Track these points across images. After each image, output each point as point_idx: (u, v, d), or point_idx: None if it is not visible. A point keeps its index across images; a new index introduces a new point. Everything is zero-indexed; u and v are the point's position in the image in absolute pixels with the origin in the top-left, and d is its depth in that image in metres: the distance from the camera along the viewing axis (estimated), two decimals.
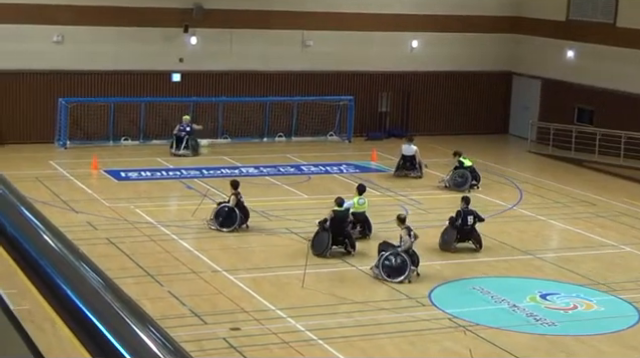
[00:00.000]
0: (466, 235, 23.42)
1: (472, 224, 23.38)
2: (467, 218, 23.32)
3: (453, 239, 23.24)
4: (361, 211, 23.95)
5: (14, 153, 31.91)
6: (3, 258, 2.11)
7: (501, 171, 32.89)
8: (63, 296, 1.77)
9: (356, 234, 23.46)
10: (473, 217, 23.44)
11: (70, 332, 1.73)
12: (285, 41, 36.69)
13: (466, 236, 23.44)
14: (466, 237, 23.45)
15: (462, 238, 23.39)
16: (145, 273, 20.33)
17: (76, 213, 25.04)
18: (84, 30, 34.12)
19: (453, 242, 23.22)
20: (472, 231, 23.49)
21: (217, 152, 33.93)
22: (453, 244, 23.23)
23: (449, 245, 23.23)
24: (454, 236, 23.25)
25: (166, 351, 1.57)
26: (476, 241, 23.50)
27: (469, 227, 23.38)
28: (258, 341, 17.02)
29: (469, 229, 23.40)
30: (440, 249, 23.24)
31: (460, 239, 23.36)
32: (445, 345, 17.32)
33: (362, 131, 37.88)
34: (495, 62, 40.09)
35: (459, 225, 23.27)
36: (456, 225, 23.27)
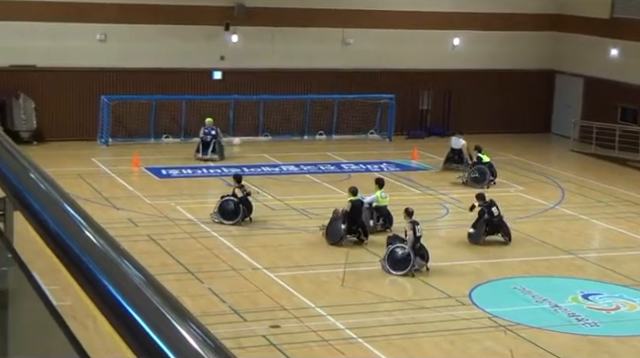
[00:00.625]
0: (495, 228, 23.50)
1: (498, 216, 23.47)
2: (492, 210, 23.45)
3: (482, 232, 23.33)
4: (383, 205, 24.15)
5: (57, 150, 32.19)
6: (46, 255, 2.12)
7: (543, 170, 32.67)
8: (105, 292, 1.78)
9: (378, 227, 23.64)
10: (497, 207, 23.54)
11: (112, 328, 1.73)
12: (326, 39, 36.69)
13: (495, 229, 23.52)
14: (495, 230, 23.52)
15: (491, 231, 23.48)
16: (185, 270, 20.42)
17: (117, 210, 25.22)
18: (127, 28, 34.35)
19: (482, 235, 23.32)
20: (501, 224, 23.57)
21: (257, 150, 34.00)
22: (482, 237, 23.33)
23: (478, 238, 23.32)
24: (483, 229, 23.33)
25: (207, 348, 1.57)
26: (505, 234, 23.57)
27: (497, 219, 23.46)
28: (298, 339, 17.03)
29: (497, 221, 23.47)
30: (469, 242, 23.33)
31: (489, 232, 23.43)
32: (486, 344, 17.24)
33: (403, 129, 37.78)
34: (537, 60, 39.81)
35: (487, 218, 23.37)
36: (484, 219, 23.37)
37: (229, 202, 24.27)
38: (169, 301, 1.70)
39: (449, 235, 24.55)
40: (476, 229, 23.44)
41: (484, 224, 23.41)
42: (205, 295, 18.99)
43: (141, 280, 1.79)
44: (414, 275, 20.82)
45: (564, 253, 23.15)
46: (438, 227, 25.20)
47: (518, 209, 27.13)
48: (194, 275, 20.15)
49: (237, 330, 17.10)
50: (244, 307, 18.36)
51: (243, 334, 16.99)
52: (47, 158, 29.18)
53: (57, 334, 2.13)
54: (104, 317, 1.75)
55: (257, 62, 36.03)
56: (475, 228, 23.47)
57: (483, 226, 23.40)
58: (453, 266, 21.87)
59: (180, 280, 19.62)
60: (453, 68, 38.59)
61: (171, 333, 1.60)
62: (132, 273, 1.82)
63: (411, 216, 21.61)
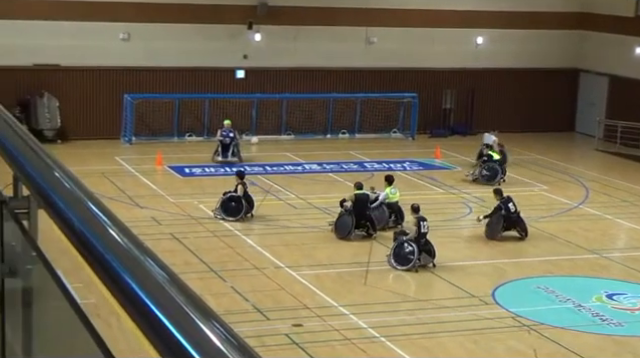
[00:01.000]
0: (512, 223, 23.68)
1: (515, 212, 23.63)
2: (508, 206, 23.64)
3: (499, 228, 23.53)
4: (394, 201, 24.30)
5: (81, 149, 32.34)
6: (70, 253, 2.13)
7: (567, 169, 32.53)
8: (128, 290, 1.78)
9: (390, 223, 23.76)
10: (514, 203, 23.73)
11: (135, 326, 1.73)
12: (349, 38, 36.67)
13: (512, 224, 23.69)
14: (512, 225, 23.69)
15: (508, 227, 23.67)
16: (208, 268, 20.47)
17: (141, 208, 25.31)
18: (150, 27, 34.47)
19: (499, 231, 23.52)
20: (518, 220, 23.73)
21: (280, 149, 34.02)
22: (499, 233, 23.52)
23: (495, 234, 23.52)
24: (500, 225, 23.53)
25: (230, 346, 1.57)
26: (522, 230, 23.75)
27: (515, 215, 23.62)
28: (320, 338, 17.04)
29: (515, 217, 23.64)
30: (486, 238, 23.48)
31: (506, 228, 23.63)
32: (509, 344, 17.18)
33: (426, 128, 37.71)
34: (561, 59, 39.63)
35: (504, 214, 23.53)
36: (501, 214, 23.54)
37: (232, 198, 24.41)
38: (192, 299, 1.71)
39: (472, 234, 24.47)
40: (493, 225, 23.61)
41: (501, 220, 23.56)
42: (228, 294, 19.03)
43: (164, 278, 1.79)
44: (417, 270, 20.89)
45: (588, 253, 23.04)
46: (461, 226, 25.14)
47: (542, 208, 27.03)
48: (217, 274, 20.19)
49: (260, 329, 17.12)
50: (267, 306, 18.39)
51: (266, 333, 17.01)
52: (71, 157, 29.32)
53: (81, 332, 2.14)
54: (128, 315, 1.75)
55: (280, 61, 36.05)
56: (490, 222, 23.66)
57: (500, 222, 23.57)
58: (476, 265, 21.82)
59: (203, 279, 19.66)
60: (476, 67, 38.47)
61: (194, 331, 1.60)
62: (156, 271, 1.83)
63: (417, 212, 21.76)
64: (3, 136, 3.09)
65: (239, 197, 24.44)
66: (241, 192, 24.53)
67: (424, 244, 21.26)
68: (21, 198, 3.00)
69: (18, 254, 2.98)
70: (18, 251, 2.98)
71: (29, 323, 2.96)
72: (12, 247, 3.01)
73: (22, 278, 2.98)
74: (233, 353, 1.53)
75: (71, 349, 2.49)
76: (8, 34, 33.05)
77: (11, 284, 3.04)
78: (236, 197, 24.46)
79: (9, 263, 3.01)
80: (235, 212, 24.36)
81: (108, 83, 34.38)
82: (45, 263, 2.60)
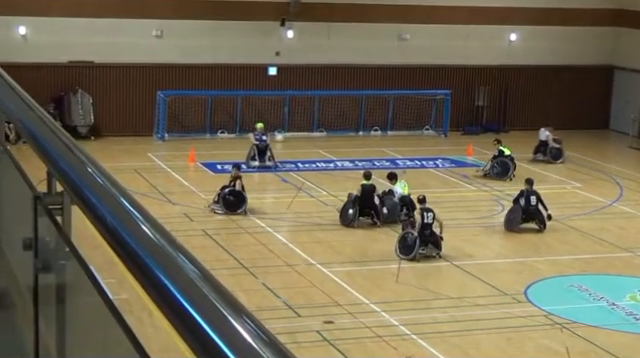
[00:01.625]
0: (531, 215, 23.89)
1: (535, 205, 23.87)
2: (530, 198, 23.88)
3: (518, 219, 23.75)
4: (406, 194, 24.55)
5: (113, 145, 32.51)
6: (103, 249, 2.13)
7: (601, 167, 32.29)
8: (161, 287, 1.79)
9: (402, 216, 23.96)
10: (536, 198, 23.93)
11: (167, 322, 1.74)
12: (382, 35, 36.59)
13: (530, 217, 23.90)
14: (530, 218, 23.90)
15: (527, 218, 23.87)
16: (240, 265, 20.52)
17: (173, 205, 25.40)
18: (183, 24, 34.57)
19: (518, 222, 23.73)
20: (537, 212, 23.91)
21: (312, 146, 34.03)
22: (517, 224, 23.74)
23: (514, 225, 23.76)
24: (519, 216, 23.75)
25: (261, 342, 1.57)
26: (540, 222, 23.92)
27: (533, 207, 23.86)
28: (351, 335, 17.03)
29: (534, 210, 23.87)
30: (505, 229, 23.79)
31: (525, 219, 23.82)
32: (542, 342, 17.09)
33: (458, 125, 37.57)
34: (595, 56, 39.33)
35: (523, 205, 23.80)
36: (520, 205, 23.83)
37: (232, 193, 24.49)
38: (224, 296, 1.71)
39: (504, 232, 24.34)
40: (512, 216, 23.90)
41: (520, 211, 23.85)
42: (259, 290, 19.06)
43: (197, 275, 1.80)
44: (419, 260, 21.13)
45: (622, 251, 22.86)
46: (494, 224, 25.01)
47: (576, 206, 26.85)
48: (248, 270, 20.23)
49: (291, 325, 17.14)
50: (298, 302, 18.40)
51: (297, 329, 17.02)
52: (104, 153, 29.47)
53: (114, 328, 2.14)
54: (160, 311, 1.75)
55: (312, 58, 36.04)
56: (511, 215, 23.97)
57: (519, 213, 23.85)
58: (508, 263, 21.72)
59: (234, 275, 19.71)
60: (509, 64, 38.27)
61: (226, 328, 1.60)
62: (188, 268, 1.83)
63: (422, 203, 21.99)
64: (37, 132, 3.11)
65: (239, 191, 24.48)
66: (239, 186, 24.60)
67: (429, 235, 21.51)
68: (55, 194, 3.02)
69: (52, 250, 2.99)
70: (52, 247, 3.00)
71: (62, 318, 2.97)
72: (46, 243, 3.03)
73: (55, 273, 2.99)
74: (264, 349, 1.53)
75: (104, 345, 2.50)
76: (43, 31, 33.30)
77: (45, 280, 3.06)
78: (236, 192, 24.48)
79: (43, 259, 3.03)
80: (235, 206, 24.42)
81: (141, 80, 34.54)
82: (78, 259, 2.61)
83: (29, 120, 3.32)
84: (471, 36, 37.61)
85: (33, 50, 33.12)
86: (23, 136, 3.27)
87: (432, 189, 28.23)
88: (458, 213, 25.50)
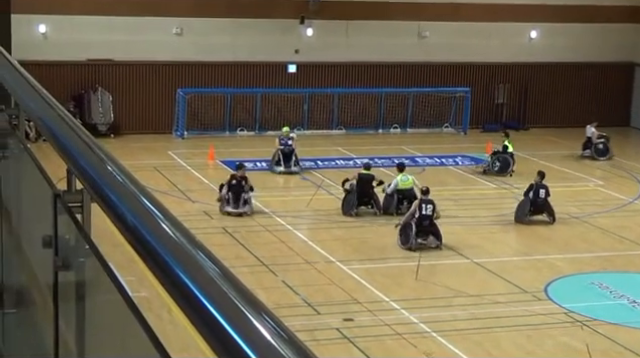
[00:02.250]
0: (539, 208, 24.23)
1: (544, 198, 24.21)
2: (539, 191, 24.22)
3: (526, 212, 24.08)
4: (407, 188, 24.68)
5: (133, 143, 32.62)
6: (123, 246, 2.14)
7: (622, 164, 32.15)
8: (180, 284, 1.79)
9: (403, 210, 24.02)
10: (545, 191, 24.27)
11: (186, 320, 1.74)
12: (401, 32, 36.56)
13: (539, 209, 24.23)
14: (539, 210, 24.23)
15: (535, 211, 24.22)
16: (260, 263, 20.54)
17: (193, 202, 25.46)
18: (202, 22, 34.66)
19: (526, 215, 24.06)
20: (545, 204, 24.23)
21: (332, 143, 34.05)
22: (526, 216, 24.06)
23: (522, 217, 23.99)
24: (527, 209, 24.11)
25: (281, 340, 1.57)
26: (549, 214, 24.23)
27: (542, 200, 24.21)
28: (371, 332, 17.03)
29: (542, 202, 24.21)
30: (515, 221, 24.08)
31: (534, 212, 24.19)
32: (561, 340, 17.04)
33: (478, 123, 37.50)
34: (617, 53, 39.15)
35: (532, 198, 24.17)
36: (529, 198, 24.10)
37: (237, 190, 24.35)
38: (244, 294, 1.71)
39: (524, 229, 24.29)
40: (521, 208, 24.27)
41: (528, 203, 24.18)
42: (279, 288, 19.08)
43: (216, 272, 1.80)
44: (414, 249, 21.50)
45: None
46: (513, 221, 24.92)
47: (597, 204, 26.75)
48: (268, 268, 20.26)
49: (311, 323, 17.15)
50: (318, 300, 18.41)
51: (317, 327, 17.03)
52: (123, 151, 29.60)
53: (134, 326, 2.15)
54: (179, 309, 1.76)
55: (332, 55, 36.05)
56: (520, 208, 24.30)
57: (528, 205, 24.17)
58: (528, 261, 21.66)
59: (254, 273, 19.74)
60: (530, 61, 38.16)
61: (246, 325, 1.60)
62: (207, 265, 1.83)
63: (424, 194, 22.28)
64: (57, 130, 3.12)
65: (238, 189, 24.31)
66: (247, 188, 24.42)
67: (428, 226, 21.84)
68: (75, 192, 3.02)
69: (71, 247, 3.00)
70: (71, 245, 3.00)
71: (82, 316, 2.98)
72: (66, 240, 3.04)
73: (75, 271, 3.00)
74: (284, 347, 1.53)
75: (123, 343, 2.51)
76: (62, 29, 33.46)
77: (64, 277, 3.06)
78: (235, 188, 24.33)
79: (63, 256, 3.04)
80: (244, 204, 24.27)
81: (161, 78, 34.64)
82: (98, 257, 2.61)
83: (49, 118, 3.33)
84: (491, 33, 37.53)
85: (53, 48, 33.28)
86: (43, 134, 3.28)
87: (451, 187, 28.20)
88: (477, 210, 25.46)
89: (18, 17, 32.00)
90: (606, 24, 38.74)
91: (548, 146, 34.56)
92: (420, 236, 21.82)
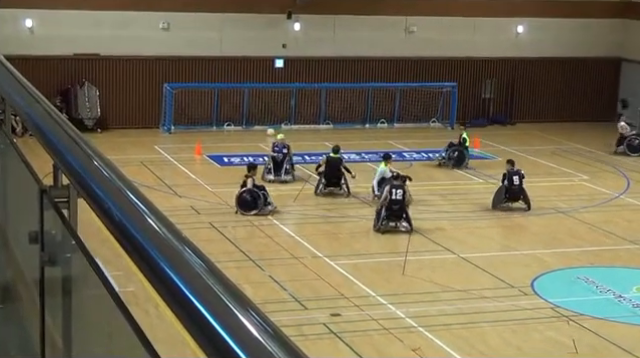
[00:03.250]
0: (515, 195, 24.88)
1: (519, 184, 24.80)
2: (513, 178, 24.90)
3: (501, 199, 24.78)
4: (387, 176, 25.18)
5: (120, 138, 32.55)
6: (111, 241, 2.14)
7: (608, 159, 32.24)
8: (166, 279, 1.79)
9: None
10: (519, 177, 24.89)
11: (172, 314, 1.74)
12: (388, 27, 36.55)
13: (515, 196, 24.89)
14: (515, 197, 24.89)
15: (511, 198, 24.89)
16: (246, 258, 20.53)
17: (180, 197, 25.43)
18: (189, 17, 34.57)
19: (501, 201, 24.74)
20: (520, 191, 24.86)
21: (319, 138, 34.02)
22: (501, 203, 24.73)
23: (497, 204, 24.78)
24: (502, 196, 24.80)
25: (266, 334, 1.57)
26: (525, 201, 24.81)
27: (517, 187, 24.84)
28: (358, 327, 17.04)
29: (517, 189, 24.83)
30: (492, 208, 24.72)
31: (509, 199, 24.87)
32: (548, 335, 17.09)
33: (465, 118, 37.52)
34: (603, 48, 39.23)
35: (506, 185, 24.85)
36: (504, 185, 24.87)
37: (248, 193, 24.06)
38: (230, 288, 1.71)
39: (511, 224, 24.36)
40: (496, 195, 24.91)
41: (503, 190, 24.84)
42: (266, 283, 19.08)
43: (202, 268, 1.80)
44: (382, 232, 22.36)
45: (629, 243, 22.83)
46: (499, 216, 24.99)
47: (583, 198, 26.83)
48: (255, 263, 20.25)
49: (298, 318, 17.15)
50: (305, 295, 18.41)
51: (304, 322, 17.04)
52: (110, 145, 29.52)
53: (119, 320, 2.15)
54: (165, 304, 1.76)
55: (319, 50, 36.03)
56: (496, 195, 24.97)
57: (503, 192, 24.82)
58: (515, 255, 21.71)
59: (241, 268, 19.73)
60: (516, 56, 38.21)
61: (231, 320, 1.61)
62: (193, 261, 1.83)
63: (395, 179, 23.28)
64: (44, 126, 3.12)
65: (252, 190, 24.12)
66: (250, 185, 24.07)
67: (398, 210, 22.56)
68: (61, 187, 3.02)
69: (58, 243, 3.00)
70: (58, 240, 3.00)
71: (68, 311, 2.98)
72: (52, 236, 3.04)
73: (61, 267, 3.00)
74: (269, 342, 1.54)
75: (109, 337, 2.51)
76: (49, 24, 33.34)
77: (51, 272, 3.06)
78: (250, 190, 24.15)
79: (49, 252, 3.04)
80: (252, 206, 23.98)
81: (148, 72, 34.56)
82: (84, 252, 2.62)
83: (35, 113, 3.33)
84: (478, 28, 37.56)
85: (39, 43, 33.16)
86: (29, 129, 3.28)
87: (438, 181, 28.25)
88: (464, 205, 25.51)
89: (4, 12, 31.89)
90: (593, 19, 38.82)
91: (534, 141, 34.64)
92: (391, 220, 22.64)
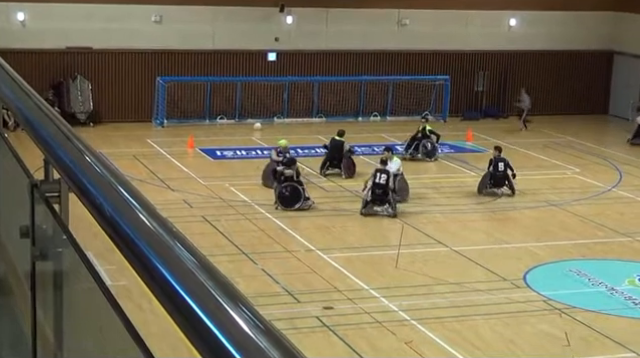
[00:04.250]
0: (499, 181, 25.68)
1: (504, 171, 25.59)
2: (498, 165, 25.69)
3: (486, 184, 25.60)
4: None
5: (112, 132, 32.51)
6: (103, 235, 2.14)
7: (600, 152, 32.30)
8: (157, 274, 1.79)
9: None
10: (505, 164, 25.71)
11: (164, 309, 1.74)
12: (381, 20, 36.54)
13: (500, 182, 25.68)
14: (500, 183, 25.67)
15: (496, 184, 25.68)
16: (239, 251, 20.54)
17: (172, 191, 25.41)
18: (182, 10, 34.52)
19: (485, 187, 25.55)
20: (505, 177, 25.63)
21: (312, 131, 34.04)
22: (486, 188, 25.55)
23: (482, 189, 25.59)
24: (487, 181, 25.65)
25: (257, 330, 1.57)
26: (509, 187, 25.60)
27: (501, 173, 25.62)
28: (351, 320, 17.07)
29: (501, 175, 25.62)
30: (477, 193, 25.42)
31: (494, 184, 25.65)
32: (540, 328, 17.13)
33: (458, 111, 37.56)
34: (596, 41, 39.26)
35: (492, 171, 25.66)
36: (489, 171, 25.67)
37: (286, 188, 24.09)
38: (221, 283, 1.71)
39: (503, 217, 24.41)
40: (481, 181, 25.72)
41: (488, 176, 25.68)
42: (259, 276, 19.09)
43: (194, 262, 1.80)
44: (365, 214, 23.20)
45: (621, 236, 22.89)
46: (492, 209, 25.04)
47: (575, 191, 26.88)
48: (248, 256, 20.26)
49: (291, 311, 17.17)
50: (298, 288, 18.43)
51: (297, 315, 17.05)
52: (103, 139, 29.51)
53: (111, 315, 2.15)
54: (157, 299, 1.76)
55: (312, 43, 36.00)
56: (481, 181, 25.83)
57: (487, 178, 25.69)
58: (508, 248, 21.75)
59: (234, 261, 19.74)
60: (509, 49, 38.24)
61: (223, 315, 1.60)
62: (185, 255, 1.83)
63: (382, 164, 23.90)
64: (34, 120, 3.11)
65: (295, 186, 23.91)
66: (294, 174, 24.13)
67: (382, 194, 23.26)
68: (52, 181, 3.02)
69: (49, 237, 3.00)
70: (49, 234, 3.00)
71: (60, 305, 2.98)
72: (43, 230, 3.03)
73: (53, 261, 3.00)
74: (261, 337, 1.54)
75: (101, 331, 2.51)
76: (41, 17, 33.25)
77: (42, 267, 3.06)
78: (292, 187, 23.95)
79: (40, 246, 3.03)
80: (295, 201, 23.88)
81: (140, 66, 34.51)
82: (75, 246, 2.61)
83: (27, 107, 3.31)
84: (470, 21, 37.57)
85: (31, 36, 33.08)
86: (20, 124, 3.27)
87: (432, 174, 28.30)
88: (457, 198, 25.54)
89: None
90: (585, 12, 38.85)
91: (527, 134, 34.70)
92: (375, 204, 23.29)
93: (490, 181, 25.65)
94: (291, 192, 24.00)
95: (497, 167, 25.68)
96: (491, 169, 25.75)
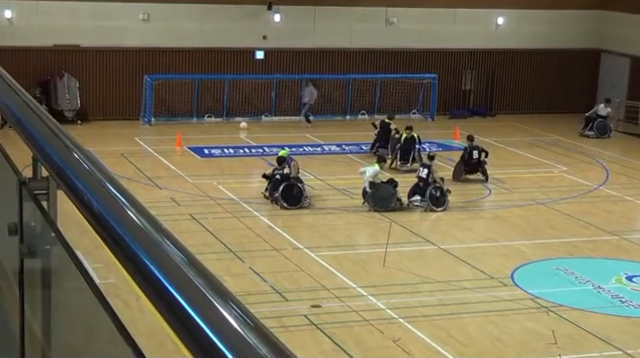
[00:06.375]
0: (473, 167, 26.93)
1: (477, 158, 26.88)
2: (472, 152, 26.98)
3: (461, 171, 26.79)
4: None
5: (100, 129, 32.44)
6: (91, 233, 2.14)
7: (587, 150, 32.39)
8: (146, 272, 1.79)
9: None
10: (478, 152, 26.98)
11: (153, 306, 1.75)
12: (369, 18, 36.55)
13: (473, 168, 26.93)
14: (474, 169, 26.92)
15: (470, 170, 26.93)
16: (227, 249, 20.52)
17: (160, 189, 25.38)
18: (170, 7, 34.46)
19: (461, 174, 26.76)
20: (479, 164, 26.90)
21: (299, 130, 34.04)
22: (461, 175, 26.75)
23: (457, 176, 26.72)
24: (462, 169, 26.84)
25: (246, 326, 1.58)
26: (483, 173, 26.81)
27: (475, 161, 26.92)
28: (339, 318, 17.08)
29: (475, 162, 26.92)
30: (452, 180, 26.29)
31: (468, 171, 26.90)
32: (527, 325, 17.17)
33: (445, 109, 37.61)
34: (582, 39, 39.36)
35: (466, 159, 26.93)
36: (464, 159, 26.92)
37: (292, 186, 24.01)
38: (210, 281, 1.71)
39: (491, 215, 24.47)
40: (456, 168, 26.94)
41: (463, 164, 26.95)
42: (247, 274, 19.08)
43: (182, 260, 1.80)
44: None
45: (608, 234, 22.96)
46: (480, 207, 25.10)
47: (562, 190, 26.94)
48: (236, 254, 20.24)
49: (279, 310, 17.17)
50: (285, 287, 18.43)
51: (284, 313, 17.06)
52: (91, 137, 29.43)
53: (99, 313, 2.15)
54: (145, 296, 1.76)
55: (299, 42, 35.98)
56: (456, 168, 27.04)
57: (462, 165, 26.95)
58: (495, 247, 21.79)
59: (222, 259, 19.72)
60: (496, 47, 38.29)
61: (211, 312, 1.61)
62: (173, 252, 1.83)
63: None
64: (23, 117, 3.11)
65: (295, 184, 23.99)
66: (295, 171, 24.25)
67: (423, 187, 24.16)
68: (40, 179, 3.01)
69: (37, 235, 3.00)
70: (37, 232, 3.00)
71: (48, 303, 2.98)
72: (31, 228, 3.03)
73: (41, 258, 2.99)
74: (249, 334, 1.54)
75: (89, 329, 2.51)
76: (29, 15, 33.15)
77: (30, 264, 3.06)
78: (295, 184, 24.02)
79: (28, 244, 3.03)
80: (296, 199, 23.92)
81: (128, 64, 34.44)
82: (64, 244, 2.61)
83: (14, 105, 3.31)
84: (458, 20, 37.61)
85: (19, 34, 32.98)
86: (8, 121, 3.27)
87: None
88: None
89: None
90: (572, 11, 38.94)
91: (514, 132, 34.76)
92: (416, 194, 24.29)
93: (465, 168, 26.83)
94: (295, 191, 23.96)
95: (471, 155, 26.94)
96: (465, 157, 26.96)
